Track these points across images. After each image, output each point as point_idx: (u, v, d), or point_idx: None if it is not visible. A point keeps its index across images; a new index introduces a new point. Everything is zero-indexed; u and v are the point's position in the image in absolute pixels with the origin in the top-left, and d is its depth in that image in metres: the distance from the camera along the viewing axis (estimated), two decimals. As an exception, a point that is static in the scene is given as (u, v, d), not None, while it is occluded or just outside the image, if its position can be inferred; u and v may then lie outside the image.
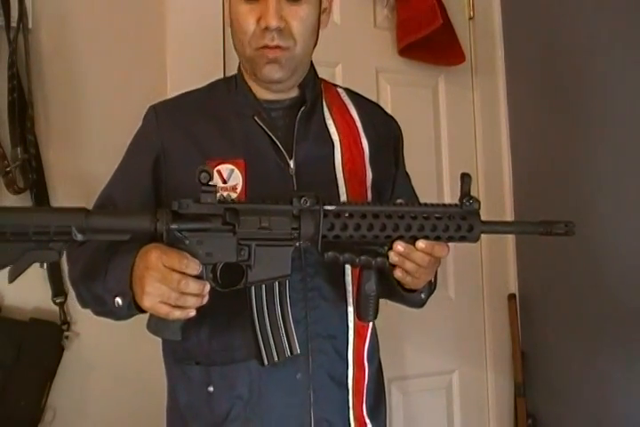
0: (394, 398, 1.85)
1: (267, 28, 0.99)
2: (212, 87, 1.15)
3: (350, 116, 1.13)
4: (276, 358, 0.95)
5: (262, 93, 1.09)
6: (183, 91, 1.16)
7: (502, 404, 2.01)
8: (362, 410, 1.08)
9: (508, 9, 2.08)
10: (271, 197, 0.92)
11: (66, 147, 1.48)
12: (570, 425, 1.83)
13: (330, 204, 0.90)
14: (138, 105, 1.57)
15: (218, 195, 0.89)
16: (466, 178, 0.92)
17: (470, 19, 2.08)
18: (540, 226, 0.95)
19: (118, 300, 0.92)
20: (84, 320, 1.45)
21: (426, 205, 0.93)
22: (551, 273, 1.90)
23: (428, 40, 1.86)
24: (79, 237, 0.82)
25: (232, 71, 1.68)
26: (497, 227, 0.97)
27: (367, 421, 1.08)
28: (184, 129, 1.07)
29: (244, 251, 0.90)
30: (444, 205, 0.93)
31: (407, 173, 1.23)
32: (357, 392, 1.07)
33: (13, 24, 1.39)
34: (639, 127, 1.58)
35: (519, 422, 1.95)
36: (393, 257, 0.91)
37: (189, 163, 1.00)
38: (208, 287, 0.87)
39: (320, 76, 1.17)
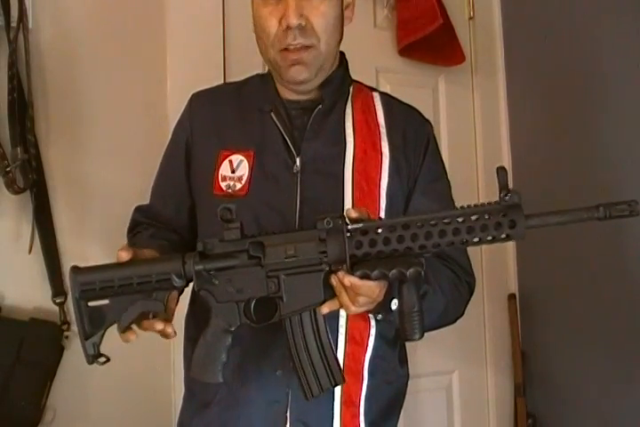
0: (394, 398, 1.85)
1: (288, 28, 0.99)
2: (248, 80, 1.19)
3: (375, 119, 1.12)
4: (317, 392, 0.91)
5: (286, 92, 1.11)
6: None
7: (502, 404, 2.01)
8: (357, 425, 1.02)
9: (508, 9, 2.09)
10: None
11: (66, 147, 1.48)
12: (570, 425, 1.83)
13: (356, 222, 0.85)
14: (138, 105, 1.59)
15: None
16: (501, 171, 0.84)
17: (470, 19, 2.08)
18: (596, 211, 0.81)
19: None
20: (84, 320, 1.45)
21: (462, 207, 0.85)
22: (551, 273, 1.90)
23: (428, 40, 1.86)
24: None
25: (232, 71, 1.70)
26: (546, 218, 0.84)
27: None
28: (211, 117, 1.12)
29: (273, 283, 0.88)
30: (482, 205, 0.85)
31: (442, 181, 1.15)
32: (349, 403, 1.01)
33: (13, 24, 1.38)
34: None
35: (519, 423, 1.95)
36: (333, 282, 0.86)
37: (208, 150, 1.09)
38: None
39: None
